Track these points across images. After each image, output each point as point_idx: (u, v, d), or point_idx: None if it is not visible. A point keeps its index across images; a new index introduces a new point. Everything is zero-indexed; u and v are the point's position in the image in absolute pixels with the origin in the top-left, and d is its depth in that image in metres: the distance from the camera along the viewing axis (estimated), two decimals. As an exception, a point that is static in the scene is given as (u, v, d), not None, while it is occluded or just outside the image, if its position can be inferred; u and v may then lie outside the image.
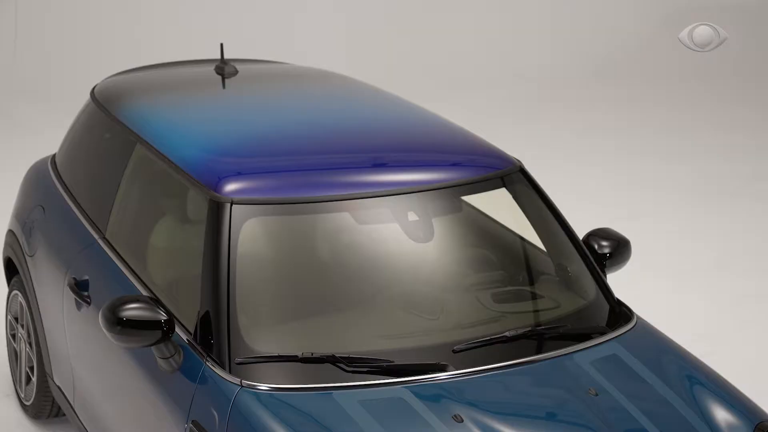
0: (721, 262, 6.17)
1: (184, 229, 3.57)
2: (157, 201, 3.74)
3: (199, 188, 3.33)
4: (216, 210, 3.22)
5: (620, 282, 4.20)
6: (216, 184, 3.27)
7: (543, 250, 3.60)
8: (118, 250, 3.72)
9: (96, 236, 3.86)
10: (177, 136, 3.66)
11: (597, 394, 3.03)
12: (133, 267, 3.60)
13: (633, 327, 3.35)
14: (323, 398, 2.94)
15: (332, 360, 3.02)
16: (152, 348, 3.15)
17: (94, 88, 4.34)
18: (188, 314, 3.24)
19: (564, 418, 2.99)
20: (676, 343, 3.37)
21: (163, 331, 3.09)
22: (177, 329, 3.21)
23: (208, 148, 3.52)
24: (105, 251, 3.77)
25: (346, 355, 3.03)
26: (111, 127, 4.00)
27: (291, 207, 3.26)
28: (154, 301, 3.14)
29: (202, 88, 4.21)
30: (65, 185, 4.23)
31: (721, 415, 3.06)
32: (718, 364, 3.59)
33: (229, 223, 3.18)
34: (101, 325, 3.11)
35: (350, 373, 3.00)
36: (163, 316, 3.09)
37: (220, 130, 3.70)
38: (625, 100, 9.27)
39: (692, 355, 3.33)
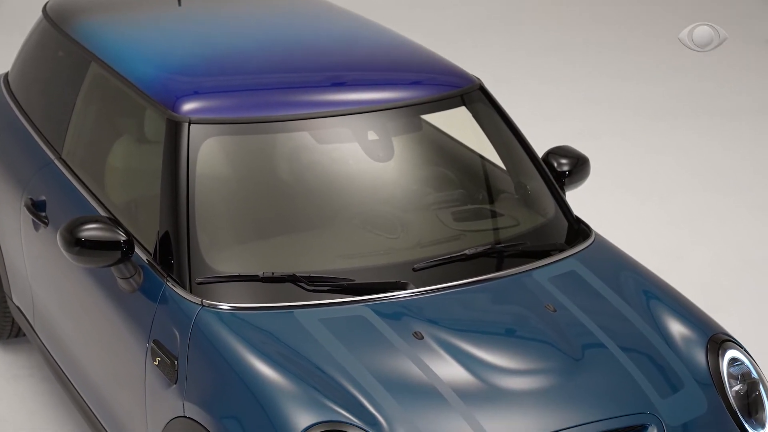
0: (680, 179, 6.23)
1: (141, 149, 3.54)
2: (114, 120, 3.69)
3: (156, 108, 3.29)
4: (174, 129, 3.18)
5: (579, 199, 4.23)
6: (173, 104, 3.24)
7: (502, 169, 3.61)
8: (75, 171, 3.68)
9: (52, 156, 3.82)
10: (133, 54, 3.60)
11: (555, 310, 3.07)
12: (90, 187, 3.57)
13: (591, 244, 3.38)
14: (284, 317, 2.96)
15: (293, 279, 3.03)
16: (112, 268, 3.14)
17: (46, 5, 4.25)
18: (147, 234, 3.23)
19: (523, 334, 3.03)
20: (634, 259, 3.42)
21: (123, 251, 3.08)
22: (136, 249, 3.20)
23: (164, 67, 3.48)
24: (62, 171, 3.73)
25: (307, 275, 3.04)
26: (64, 45, 3.93)
27: (250, 126, 3.24)
28: (113, 222, 3.12)
29: (158, 5, 4.14)
30: (19, 104, 4.16)
31: (676, 328, 3.12)
32: (675, 280, 3.65)
33: (187, 142, 3.15)
34: (59, 245, 3.10)
35: (311, 292, 3.01)
36: (122, 237, 3.08)
37: (176, 48, 3.65)
38: (585, 19, 9.24)
39: (649, 270, 3.38)
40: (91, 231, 3.07)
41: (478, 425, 2.72)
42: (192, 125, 3.18)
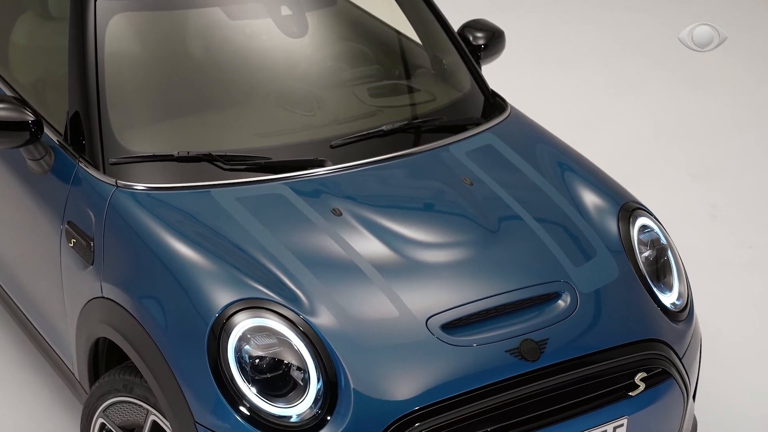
0: (596, 49, 6.25)
1: (46, 26, 3.44)
2: (16, -3, 3.57)
3: (61, -17, 3.19)
4: (80, 5, 3.09)
5: (494, 73, 4.23)
6: (78, -22, 3.13)
7: (418, 44, 3.59)
8: (-22, 50, 3.57)
9: (-47, 36, 3.69)
10: (33, -73, 3.47)
11: (472, 184, 3.10)
12: (-6, 67, 3.47)
13: (507, 117, 3.41)
14: (201, 196, 2.94)
15: (209, 158, 3.00)
16: (21, 150, 3.08)
17: None
18: (57, 115, 3.16)
19: (440, 208, 3.06)
20: (549, 132, 3.45)
21: (31, 132, 3.01)
22: (46, 130, 3.13)
23: (67, -60, 3.35)
24: (-36, 52, 3.61)
25: (223, 153, 3.01)
26: None
27: (159, 1, 3.16)
28: (20, 102, 3.04)
29: None
30: None
31: (590, 198, 3.18)
32: (589, 152, 3.70)
33: (94, 19, 3.07)
34: (-35, 127, 3.02)
35: (228, 171, 2.99)
36: (30, 117, 3.01)
37: None
38: None
39: (564, 143, 3.42)
40: (-4, 112, 2.99)
41: (397, 298, 2.77)
42: (98, 0, 3.08)
